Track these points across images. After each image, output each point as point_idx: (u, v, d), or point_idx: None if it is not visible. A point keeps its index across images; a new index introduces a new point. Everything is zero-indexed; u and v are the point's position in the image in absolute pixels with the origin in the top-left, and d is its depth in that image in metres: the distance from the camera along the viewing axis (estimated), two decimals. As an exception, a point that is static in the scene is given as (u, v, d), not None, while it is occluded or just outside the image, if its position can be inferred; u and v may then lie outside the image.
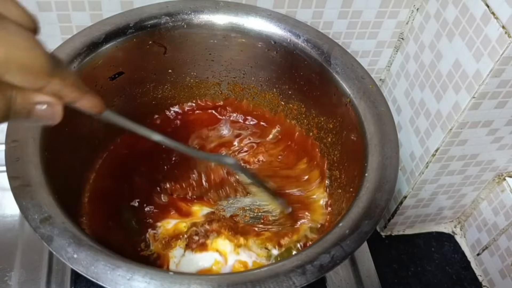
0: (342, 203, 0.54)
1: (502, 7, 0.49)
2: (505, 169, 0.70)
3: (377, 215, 0.43)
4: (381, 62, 0.72)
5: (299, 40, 0.56)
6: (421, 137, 0.65)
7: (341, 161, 0.56)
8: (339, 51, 0.55)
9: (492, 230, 0.73)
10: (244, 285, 0.37)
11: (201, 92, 0.64)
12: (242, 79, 0.63)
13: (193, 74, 0.62)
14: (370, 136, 0.49)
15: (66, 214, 0.40)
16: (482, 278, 0.76)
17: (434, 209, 0.76)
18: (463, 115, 0.57)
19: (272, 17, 0.57)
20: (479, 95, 0.54)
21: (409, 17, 0.65)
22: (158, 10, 0.55)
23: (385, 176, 0.46)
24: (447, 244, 0.80)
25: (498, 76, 0.52)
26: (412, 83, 0.66)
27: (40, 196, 0.40)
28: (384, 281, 0.64)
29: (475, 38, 0.53)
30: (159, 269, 0.37)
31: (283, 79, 0.60)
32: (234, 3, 0.58)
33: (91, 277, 0.36)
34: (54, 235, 0.38)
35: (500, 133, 0.62)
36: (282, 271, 0.38)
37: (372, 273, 0.64)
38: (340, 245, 0.40)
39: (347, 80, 0.53)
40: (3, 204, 0.63)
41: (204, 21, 0.56)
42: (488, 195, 0.74)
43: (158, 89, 0.61)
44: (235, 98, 0.65)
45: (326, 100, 0.57)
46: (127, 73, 0.56)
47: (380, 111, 0.51)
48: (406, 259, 0.76)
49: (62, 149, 0.48)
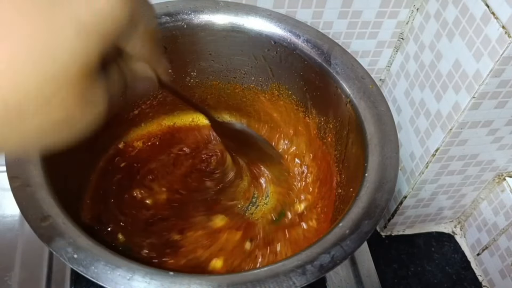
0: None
1: (502, 7, 0.49)
2: (505, 169, 0.70)
3: (377, 215, 0.43)
4: (381, 62, 0.72)
5: (299, 40, 0.56)
6: (421, 137, 0.65)
7: (341, 161, 0.56)
8: (339, 51, 0.55)
9: (492, 230, 0.73)
10: (244, 285, 0.37)
11: (201, 92, 0.64)
12: (242, 79, 0.63)
13: (193, 74, 0.62)
14: (370, 136, 0.49)
15: (66, 214, 0.40)
16: (482, 278, 0.76)
17: (434, 209, 0.76)
18: (463, 115, 0.57)
19: (272, 17, 0.57)
20: (479, 95, 0.54)
21: (409, 17, 0.65)
22: (158, 10, 0.55)
23: (385, 176, 0.46)
24: (447, 244, 0.80)
25: (498, 76, 0.52)
26: (412, 83, 0.66)
27: (40, 196, 0.40)
28: (384, 281, 0.64)
29: (475, 38, 0.53)
30: (159, 269, 0.37)
31: (283, 79, 0.60)
32: (234, 3, 0.58)
33: (91, 277, 0.36)
34: (54, 235, 0.38)
35: (500, 133, 0.62)
36: (282, 271, 0.38)
37: (372, 273, 0.64)
38: (340, 245, 0.40)
39: (347, 80, 0.53)
40: (3, 204, 0.63)
41: (204, 21, 0.56)
42: (488, 195, 0.74)
43: (158, 89, 0.61)
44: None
45: (326, 100, 0.57)
46: (127, 73, 0.56)
47: (380, 111, 0.51)
48: (406, 259, 0.76)
49: (62, 149, 0.48)
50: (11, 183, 0.40)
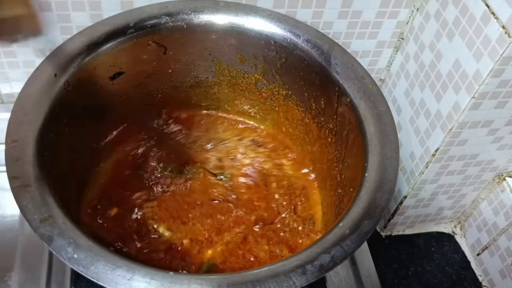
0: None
1: (502, 7, 0.49)
2: (505, 169, 0.70)
3: (377, 215, 0.43)
4: (381, 62, 0.72)
5: (299, 40, 0.56)
6: (421, 137, 0.65)
7: (341, 161, 0.56)
8: (339, 51, 0.55)
9: (492, 230, 0.73)
10: (244, 285, 0.37)
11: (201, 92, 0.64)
12: (242, 79, 0.63)
13: (193, 74, 0.62)
14: (370, 136, 0.49)
15: (66, 214, 0.40)
16: (482, 278, 0.76)
17: (434, 209, 0.76)
18: (463, 115, 0.57)
19: (272, 17, 0.57)
20: (479, 95, 0.54)
21: (409, 17, 0.65)
22: (158, 10, 0.55)
23: (385, 176, 0.46)
24: (447, 244, 0.80)
25: (498, 76, 0.52)
26: (412, 83, 0.66)
27: (40, 196, 0.40)
28: (384, 281, 0.64)
29: (475, 38, 0.53)
30: (159, 269, 0.37)
31: (283, 79, 0.60)
32: (234, 3, 0.58)
33: (91, 277, 0.36)
34: (54, 235, 0.38)
35: (500, 133, 0.62)
36: (282, 271, 0.38)
37: (372, 273, 0.64)
38: (340, 245, 0.40)
39: (347, 80, 0.53)
40: (3, 204, 0.63)
41: (204, 21, 0.56)
42: (488, 195, 0.74)
43: (158, 89, 0.61)
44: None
45: (326, 100, 0.57)
46: (127, 73, 0.56)
47: (380, 111, 0.51)
48: (406, 259, 0.76)
49: (62, 149, 0.48)
50: (11, 183, 0.40)
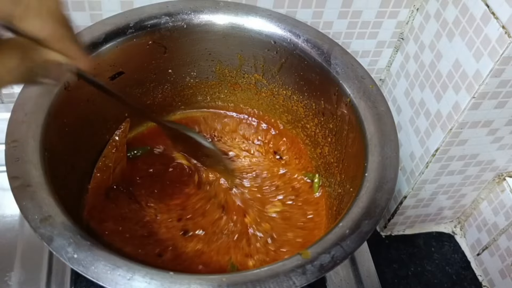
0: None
1: (502, 7, 0.49)
2: (505, 169, 0.70)
3: (377, 215, 0.43)
4: (381, 62, 0.72)
5: (299, 40, 0.56)
6: (421, 137, 0.65)
7: (341, 161, 0.56)
8: (339, 51, 0.55)
9: (492, 230, 0.73)
10: (244, 285, 0.37)
11: (201, 91, 0.64)
12: (242, 79, 0.63)
13: (193, 74, 0.62)
14: (370, 136, 0.49)
15: (66, 214, 0.40)
16: (482, 278, 0.76)
17: (434, 209, 0.76)
18: (463, 115, 0.57)
19: (272, 17, 0.57)
20: (479, 95, 0.54)
21: (409, 17, 0.65)
22: (158, 10, 0.55)
23: (385, 176, 0.46)
24: (447, 244, 0.80)
25: (498, 76, 0.52)
26: (412, 83, 0.66)
27: (40, 196, 0.40)
28: (384, 281, 0.64)
29: (475, 38, 0.53)
30: (159, 269, 0.37)
31: (283, 79, 0.60)
32: (234, 3, 0.58)
33: (91, 277, 0.36)
34: (54, 235, 0.38)
35: (500, 133, 0.62)
36: (282, 271, 0.38)
37: (372, 273, 0.64)
38: (340, 245, 0.40)
39: (347, 80, 0.53)
40: (3, 204, 0.63)
41: (204, 21, 0.56)
42: (488, 195, 0.74)
43: (158, 89, 0.61)
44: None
45: (326, 100, 0.57)
46: (127, 73, 0.56)
47: (380, 111, 0.51)
48: (406, 259, 0.76)
49: (62, 149, 0.48)
50: (11, 183, 0.40)
